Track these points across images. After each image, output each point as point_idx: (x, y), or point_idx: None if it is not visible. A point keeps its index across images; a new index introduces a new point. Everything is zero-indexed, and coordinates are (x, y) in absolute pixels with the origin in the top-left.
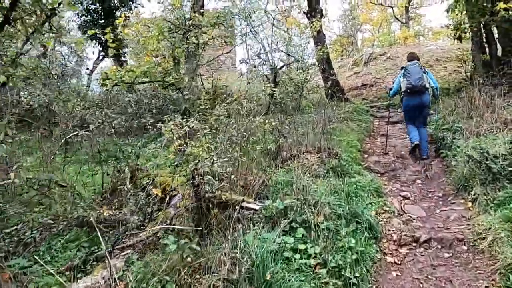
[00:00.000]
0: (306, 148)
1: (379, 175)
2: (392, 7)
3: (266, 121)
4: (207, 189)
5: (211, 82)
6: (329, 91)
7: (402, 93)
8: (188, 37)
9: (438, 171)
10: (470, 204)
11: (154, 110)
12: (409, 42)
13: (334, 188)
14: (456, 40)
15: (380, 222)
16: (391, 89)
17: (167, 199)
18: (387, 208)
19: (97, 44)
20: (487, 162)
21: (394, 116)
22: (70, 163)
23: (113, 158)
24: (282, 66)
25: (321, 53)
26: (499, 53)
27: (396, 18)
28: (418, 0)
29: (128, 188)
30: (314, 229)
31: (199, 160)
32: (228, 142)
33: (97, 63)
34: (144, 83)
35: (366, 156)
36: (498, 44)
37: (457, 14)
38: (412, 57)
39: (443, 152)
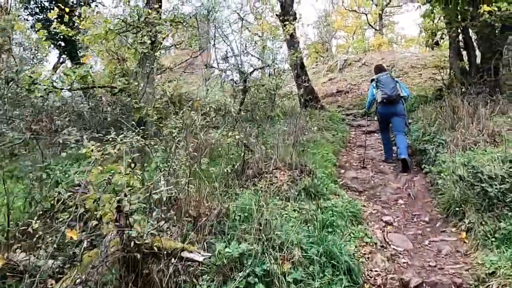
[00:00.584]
0: (276, 164)
1: (357, 193)
2: (366, 14)
3: (230, 134)
4: (135, 235)
5: (170, 88)
6: (303, 98)
7: (378, 103)
8: (141, 36)
9: (422, 189)
10: (464, 234)
11: (108, 119)
12: (383, 49)
13: (306, 217)
14: (428, 47)
15: (361, 260)
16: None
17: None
18: (368, 240)
19: (53, 46)
20: (483, 185)
21: (371, 125)
22: None
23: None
24: (252, 71)
25: (294, 58)
26: (478, 59)
27: (370, 25)
28: (391, 8)
29: (39, 225)
30: (278, 284)
31: (126, 194)
32: (177, 163)
33: (57, 66)
34: (83, 89)
35: (342, 171)
36: (477, 50)
37: (433, 20)
38: (380, 69)
39: (426, 167)
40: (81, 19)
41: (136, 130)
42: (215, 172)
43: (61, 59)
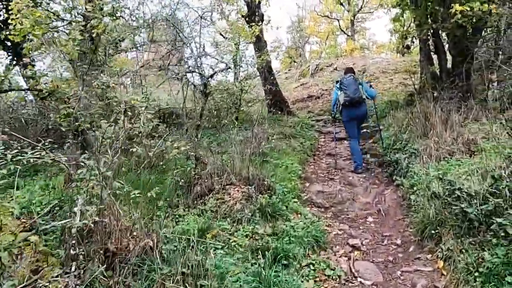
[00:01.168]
0: (229, 178)
1: (322, 210)
2: (338, 20)
3: (176, 145)
4: None
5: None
6: (271, 103)
7: (341, 106)
8: (73, 31)
9: (393, 205)
10: (441, 263)
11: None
12: (355, 54)
13: (258, 245)
14: (399, 53)
15: None
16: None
17: None
18: (331, 272)
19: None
20: (462, 205)
21: (341, 132)
22: None
23: None
24: (213, 74)
25: (261, 61)
26: (450, 64)
27: (342, 31)
28: (363, 14)
29: None
30: None
31: None
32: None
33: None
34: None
35: (307, 184)
36: (448, 54)
37: (403, 25)
38: (347, 70)
39: (398, 179)
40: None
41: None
42: (156, 191)
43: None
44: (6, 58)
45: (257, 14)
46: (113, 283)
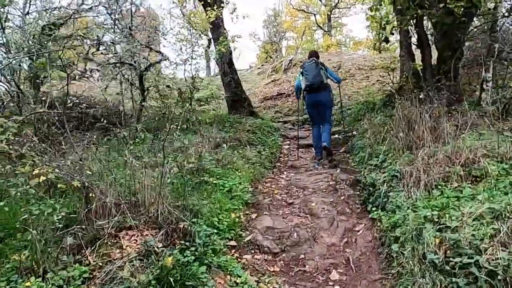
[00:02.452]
0: (124, 218)
1: (270, 258)
2: (314, 14)
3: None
4: None
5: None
6: (232, 102)
7: (304, 91)
8: None
9: (368, 251)
10: None
11: None
12: (332, 50)
13: None
14: (376, 50)
15: None
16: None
17: None
18: None
19: None
20: None
21: (308, 137)
22: None
23: None
24: (148, 66)
25: (220, 53)
26: (434, 60)
27: (319, 26)
28: (340, 9)
29: None
30: None
31: None
32: None
33: None
34: None
35: (255, 215)
36: (435, 47)
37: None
38: (310, 54)
39: (374, 209)
40: None
41: None
42: None
43: None
44: None
45: None
46: None
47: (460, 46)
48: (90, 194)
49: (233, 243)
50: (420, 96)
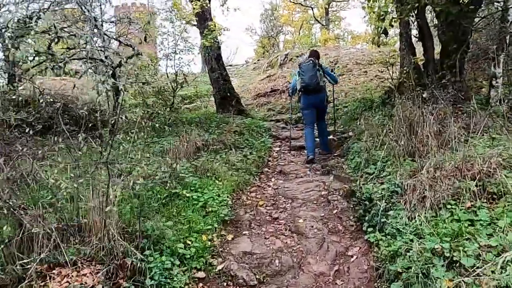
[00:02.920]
0: (75, 247)
1: None
2: (312, 8)
3: None
4: None
5: None
6: (220, 100)
7: (299, 92)
8: None
9: (362, 285)
10: None
11: None
12: (329, 44)
13: None
14: (374, 45)
15: None
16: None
17: None
18: None
19: None
20: None
21: (301, 138)
22: None
23: None
24: (121, 62)
25: (205, 42)
26: (437, 54)
27: (317, 20)
28: (338, 3)
29: None
30: None
31: None
32: None
33: None
34: None
35: (231, 237)
36: (439, 40)
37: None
38: (310, 54)
39: (370, 230)
40: None
41: None
42: None
43: None
44: None
45: None
46: None
47: (467, 38)
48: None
49: (201, 274)
50: (424, 95)
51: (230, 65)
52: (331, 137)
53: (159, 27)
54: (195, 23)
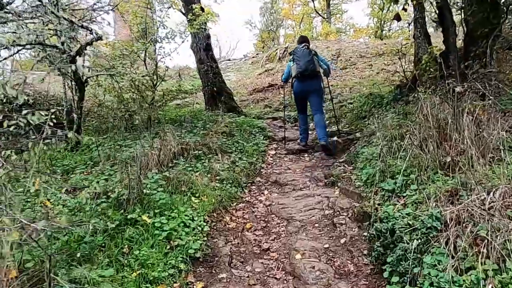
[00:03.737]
0: None
1: None
2: (313, 1)
3: None
4: None
5: None
6: (210, 95)
7: (293, 78)
8: None
9: None
10: None
11: None
12: (331, 38)
13: None
14: (377, 38)
15: None
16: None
17: None
18: None
19: None
20: None
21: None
22: None
23: None
24: (81, 48)
25: (191, 30)
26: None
27: (318, 13)
28: None
29: None
30: None
31: None
32: None
33: None
34: None
35: (201, 286)
36: (464, 24)
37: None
38: (301, 40)
39: (396, 281)
40: None
41: None
42: None
43: None
44: None
45: None
46: None
47: (500, 21)
48: None
49: None
50: (457, 89)
51: (229, 59)
52: (335, 138)
53: (137, 11)
54: (181, 8)
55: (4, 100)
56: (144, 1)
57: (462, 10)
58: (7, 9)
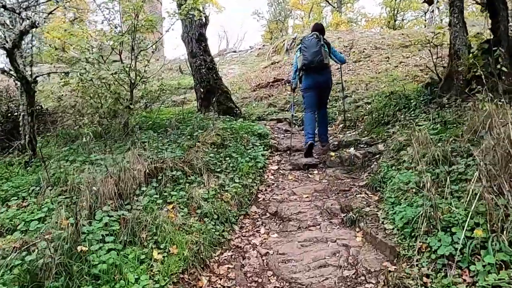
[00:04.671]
0: None
1: None
2: None
3: None
4: None
5: None
6: (204, 95)
7: (299, 72)
8: None
9: None
10: None
11: None
12: (341, 28)
13: None
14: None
15: None
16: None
17: None
18: None
19: None
20: None
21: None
22: None
23: None
24: (17, 40)
25: (180, 17)
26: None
27: (328, 2)
28: None
29: None
30: None
31: None
32: None
33: None
34: None
35: None
36: None
37: None
38: (314, 28)
39: None
40: None
41: None
42: None
43: None
44: None
45: None
46: None
47: None
48: None
49: None
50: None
51: (234, 51)
52: (352, 150)
53: None
54: None
55: None
56: None
57: None
58: None
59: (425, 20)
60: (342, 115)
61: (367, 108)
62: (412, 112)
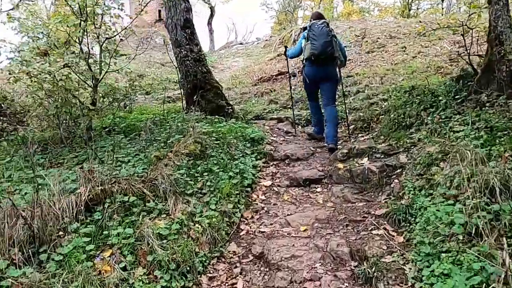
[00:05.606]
0: None
1: None
2: None
3: None
4: None
5: None
6: (190, 91)
7: (304, 60)
8: None
9: None
10: None
11: None
12: (353, 18)
13: None
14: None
15: None
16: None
17: None
18: None
19: None
20: None
21: (311, 157)
22: None
23: None
24: None
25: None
26: None
27: None
28: None
29: None
30: None
31: None
32: None
33: None
34: None
35: None
36: None
37: None
38: (318, 15)
39: None
40: None
41: None
42: None
43: None
44: None
45: None
46: None
47: None
48: None
49: None
50: None
51: (241, 43)
52: (366, 162)
53: None
54: None
55: None
56: None
57: None
58: None
59: (442, 8)
60: (350, 114)
61: (383, 106)
62: (442, 113)
